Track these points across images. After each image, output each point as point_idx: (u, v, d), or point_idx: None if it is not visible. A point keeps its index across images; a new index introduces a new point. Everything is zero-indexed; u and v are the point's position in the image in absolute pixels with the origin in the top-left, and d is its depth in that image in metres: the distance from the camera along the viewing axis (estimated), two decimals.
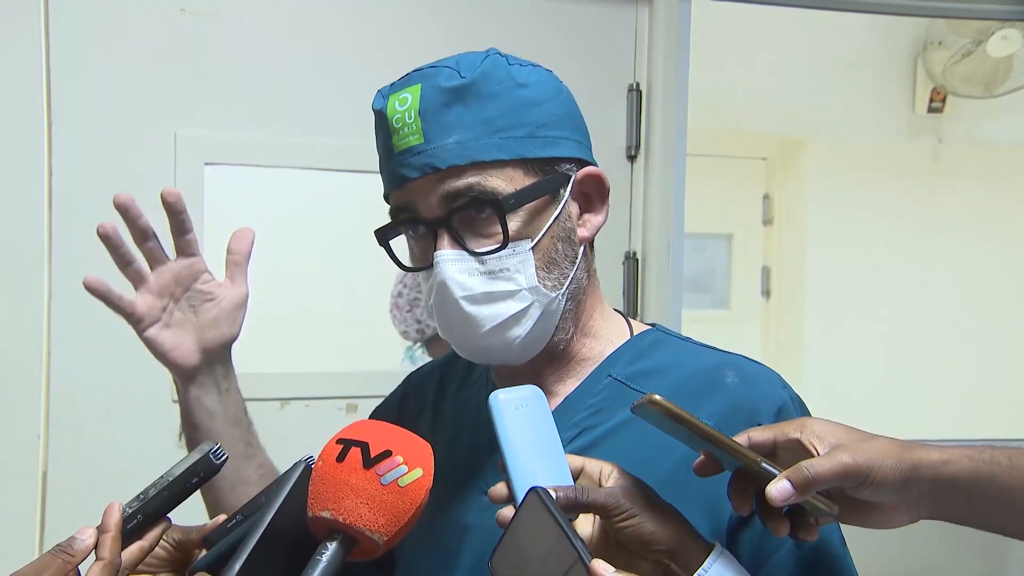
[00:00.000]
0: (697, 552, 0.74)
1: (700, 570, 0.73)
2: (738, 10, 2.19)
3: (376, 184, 0.97)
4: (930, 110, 3.37)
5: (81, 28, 1.74)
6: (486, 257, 0.88)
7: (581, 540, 0.63)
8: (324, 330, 2.21)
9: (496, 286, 0.88)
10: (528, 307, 0.90)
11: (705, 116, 2.56)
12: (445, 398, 1.09)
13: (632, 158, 2.06)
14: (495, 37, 1.02)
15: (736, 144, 3.59)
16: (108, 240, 0.96)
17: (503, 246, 0.88)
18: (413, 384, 1.15)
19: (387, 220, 0.95)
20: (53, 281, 1.74)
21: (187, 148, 1.80)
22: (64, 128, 1.74)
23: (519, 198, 0.88)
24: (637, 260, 2.07)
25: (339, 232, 2.23)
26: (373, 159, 0.97)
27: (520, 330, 0.90)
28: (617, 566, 0.75)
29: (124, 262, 0.97)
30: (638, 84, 2.05)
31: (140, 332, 0.99)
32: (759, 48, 3.18)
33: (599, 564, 0.64)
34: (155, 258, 0.99)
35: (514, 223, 0.88)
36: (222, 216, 1.89)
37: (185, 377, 1.00)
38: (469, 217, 0.89)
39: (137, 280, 0.98)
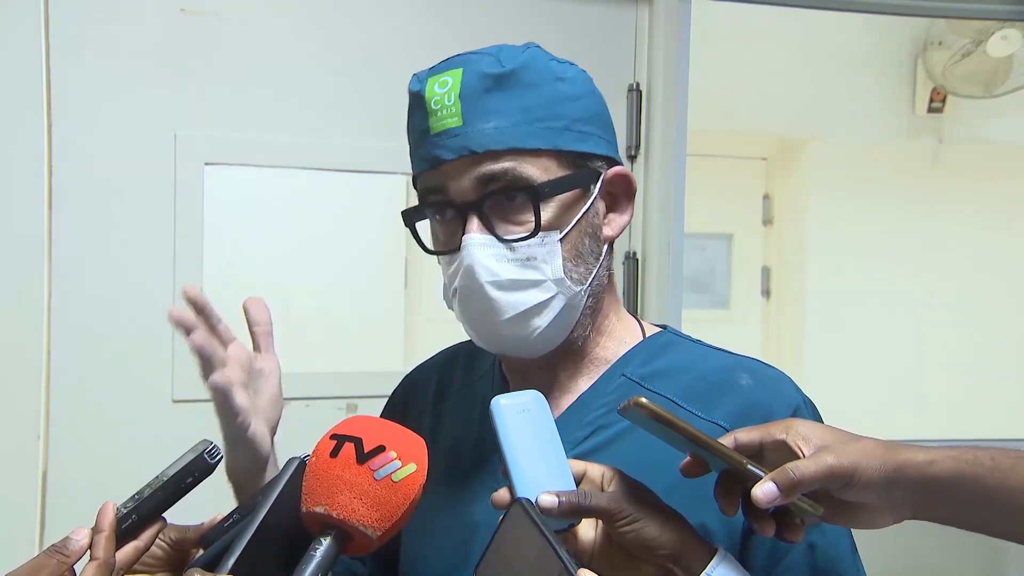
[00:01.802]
0: (700, 556, 0.74)
1: (703, 574, 0.73)
2: (738, 10, 2.19)
3: (376, 184, 0.98)
4: (930, 110, 3.37)
5: (81, 28, 1.75)
6: (516, 244, 0.88)
7: (566, 550, 0.63)
8: (324, 330, 2.21)
9: (523, 274, 0.88)
10: (552, 298, 0.89)
11: (705, 116, 2.56)
12: (447, 396, 1.08)
13: (632, 158, 2.06)
14: (496, 37, 1.02)
15: (736, 144, 3.59)
16: (201, 351, 0.86)
17: (533, 234, 0.87)
18: (415, 382, 1.15)
19: (398, 215, 0.95)
20: (53, 281, 1.74)
21: (187, 148, 1.80)
22: (64, 128, 1.74)
23: (553, 187, 0.88)
24: (637, 260, 2.07)
25: (339, 232, 2.23)
26: (373, 159, 0.97)
27: (541, 321, 0.90)
28: (619, 570, 0.75)
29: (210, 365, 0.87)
30: (638, 84, 2.05)
31: (245, 431, 0.90)
32: (759, 48, 3.18)
33: (585, 574, 0.64)
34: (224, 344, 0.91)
35: (546, 213, 0.88)
36: (222, 216, 1.90)
37: (264, 464, 0.94)
38: (499, 203, 0.88)
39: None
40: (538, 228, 0.87)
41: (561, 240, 0.89)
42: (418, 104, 0.91)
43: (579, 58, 0.98)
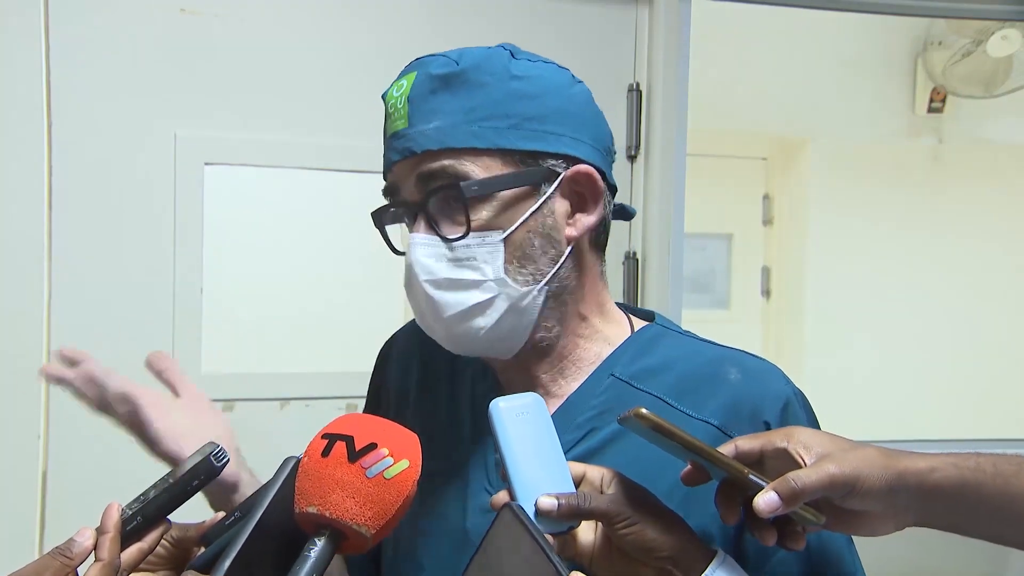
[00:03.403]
0: (699, 558, 0.74)
1: None
2: (738, 10, 2.19)
3: (376, 184, 0.98)
4: (930, 110, 3.36)
5: (81, 28, 1.75)
6: (454, 244, 0.87)
7: (558, 555, 0.63)
8: (324, 330, 2.21)
9: (460, 273, 0.88)
10: (493, 298, 0.88)
11: (705, 116, 2.55)
12: (436, 379, 1.05)
13: (632, 158, 2.06)
14: (495, 37, 1.01)
15: (736, 144, 3.59)
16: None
17: (465, 234, 0.87)
18: (395, 347, 1.15)
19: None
20: (53, 281, 1.74)
21: (187, 148, 1.80)
22: (64, 128, 1.74)
23: (484, 186, 0.87)
24: (637, 260, 2.07)
25: (339, 232, 2.23)
26: (373, 159, 0.97)
27: (485, 320, 0.89)
28: (619, 573, 0.75)
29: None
30: (638, 84, 2.05)
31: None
32: (759, 48, 3.17)
33: None
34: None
35: (483, 212, 0.87)
36: (222, 216, 1.90)
37: (230, 488, 0.99)
38: (444, 203, 0.88)
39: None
40: (469, 228, 0.87)
41: (504, 240, 0.88)
42: (384, 108, 0.93)
43: (579, 58, 0.98)
